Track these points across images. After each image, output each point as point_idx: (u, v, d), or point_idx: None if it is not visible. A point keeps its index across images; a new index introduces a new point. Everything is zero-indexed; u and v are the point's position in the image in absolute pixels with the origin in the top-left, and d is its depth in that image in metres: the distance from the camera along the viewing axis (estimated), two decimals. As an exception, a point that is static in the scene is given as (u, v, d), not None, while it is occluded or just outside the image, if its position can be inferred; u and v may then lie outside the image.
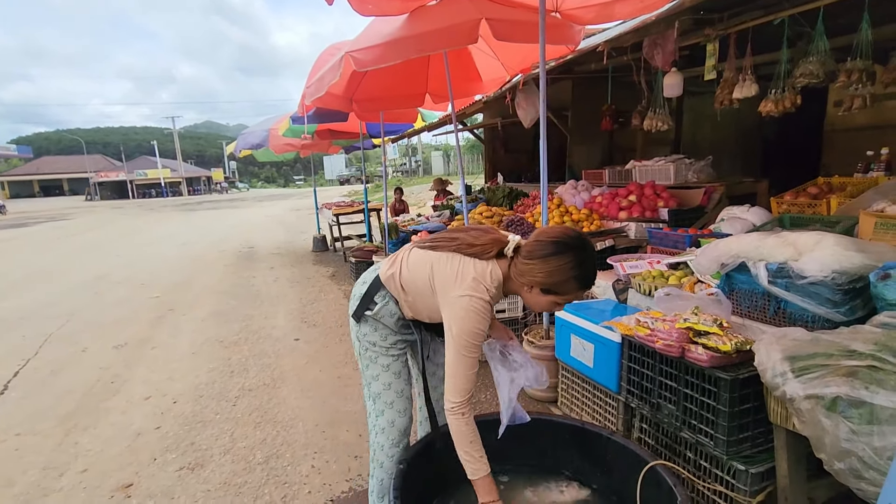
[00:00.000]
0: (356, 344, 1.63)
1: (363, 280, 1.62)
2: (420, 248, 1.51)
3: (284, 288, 6.28)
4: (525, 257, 1.34)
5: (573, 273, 1.30)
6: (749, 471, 1.59)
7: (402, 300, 1.52)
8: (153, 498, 2.21)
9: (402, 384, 1.63)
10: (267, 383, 3.38)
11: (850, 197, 2.64)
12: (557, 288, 1.33)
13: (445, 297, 1.37)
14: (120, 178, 48.39)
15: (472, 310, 1.32)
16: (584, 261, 1.31)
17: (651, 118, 4.26)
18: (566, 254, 1.30)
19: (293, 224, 14.82)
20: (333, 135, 7.26)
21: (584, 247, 1.33)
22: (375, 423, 1.64)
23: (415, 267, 1.47)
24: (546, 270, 1.31)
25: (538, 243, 1.34)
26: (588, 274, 1.33)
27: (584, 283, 1.34)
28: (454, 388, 1.35)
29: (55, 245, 12.19)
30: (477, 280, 1.34)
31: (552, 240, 1.32)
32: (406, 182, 31.07)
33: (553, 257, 1.30)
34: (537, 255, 1.32)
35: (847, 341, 1.26)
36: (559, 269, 1.30)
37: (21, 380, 3.65)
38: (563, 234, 1.33)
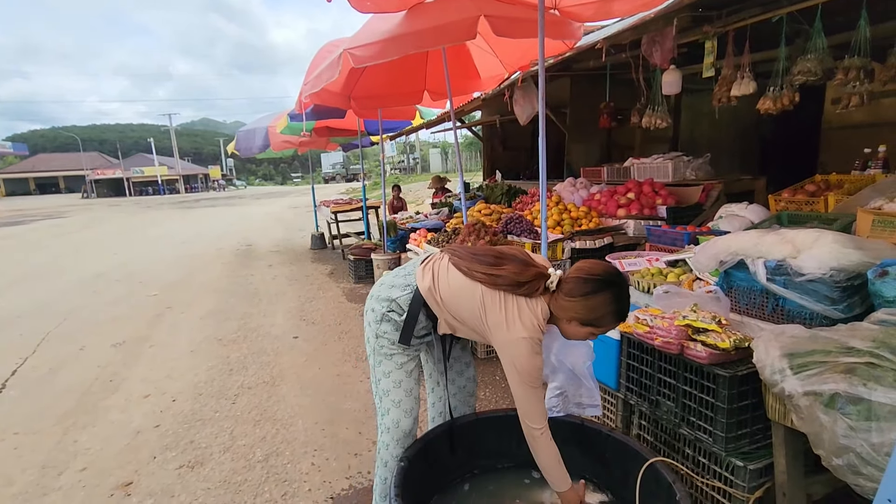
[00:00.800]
0: (372, 339, 1.62)
1: (392, 284, 1.60)
2: (457, 268, 1.50)
3: (283, 286, 6.27)
4: (567, 294, 1.42)
5: (612, 308, 1.40)
6: (747, 467, 1.60)
7: (443, 318, 1.54)
8: (153, 496, 2.21)
9: (411, 383, 1.64)
10: (266, 381, 3.38)
11: (847, 194, 2.65)
12: (597, 322, 1.42)
13: (501, 337, 1.43)
14: (116, 176, 48.14)
15: (532, 351, 1.40)
16: (621, 296, 1.41)
17: (649, 116, 4.26)
18: (606, 291, 1.39)
19: (291, 221, 14.79)
20: (331, 132, 7.24)
21: (621, 283, 1.42)
22: (381, 421, 1.65)
23: (459, 292, 1.49)
24: (587, 307, 1.40)
25: (579, 281, 1.41)
26: (625, 308, 1.43)
27: (621, 317, 1.44)
28: (532, 417, 1.46)
29: (52, 243, 12.14)
30: (532, 321, 1.41)
31: (593, 278, 1.40)
32: (404, 180, 31.02)
33: (593, 295, 1.39)
34: (578, 293, 1.40)
35: (845, 338, 1.26)
36: (600, 306, 1.39)
37: (19, 378, 3.64)
38: (604, 272, 1.42)
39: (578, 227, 3.79)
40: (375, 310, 1.60)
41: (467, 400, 1.86)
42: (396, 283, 1.59)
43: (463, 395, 1.85)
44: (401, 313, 1.55)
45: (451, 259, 1.52)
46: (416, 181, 29.32)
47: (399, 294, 1.55)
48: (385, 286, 1.61)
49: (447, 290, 1.49)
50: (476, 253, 1.51)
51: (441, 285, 1.50)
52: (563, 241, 3.58)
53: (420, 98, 4.64)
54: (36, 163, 56.11)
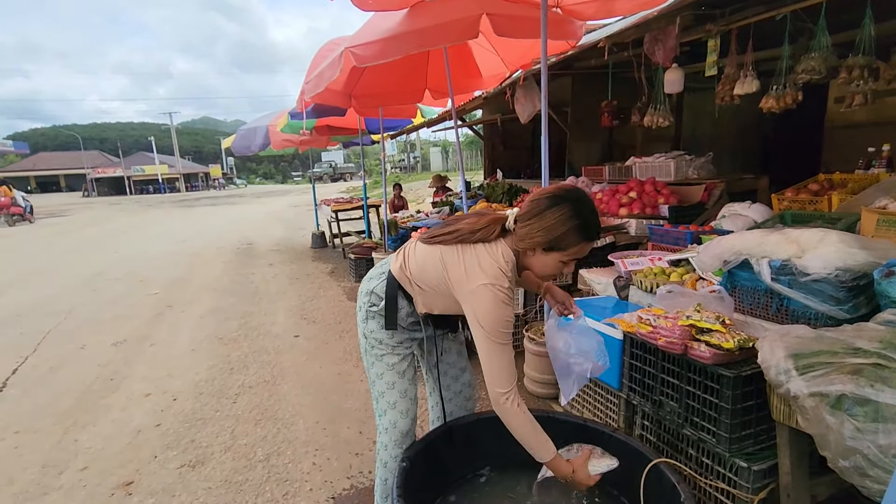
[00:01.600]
0: (363, 340, 1.62)
1: (370, 276, 1.61)
2: (424, 243, 1.49)
3: (284, 285, 6.27)
4: (522, 220, 1.32)
5: (572, 223, 1.27)
6: (751, 468, 1.59)
7: (416, 296, 1.50)
8: (154, 496, 2.21)
9: (405, 384, 1.62)
10: (267, 380, 3.37)
11: (851, 194, 2.63)
12: (559, 243, 1.30)
13: (463, 290, 1.33)
14: (117, 175, 48.13)
15: (496, 299, 1.28)
16: (581, 211, 1.28)
17: (651, 114, 4.25)
18: (561, 205, 1.28)
19: (292, 220, 14.78)
20: (332, 130, 7.23)
21: (579, 198, 1.30)
22: (379, 422, 1.64)
23: (424, 262, 1.45)
24: (543, 226, 1.28)
25: (532, 202, 1.32)
26: (588, 222, 1.29)
27: (585, 233, 1.30)
28: (498, 379, 1.31)
29: (53, 241, 12.14)
30: (493, 265, 1.31)
31: (546, 195, 1.31)
32: (404, 178, 30.99)
33: (549, 211, 1.28)
34: (534, 213, 1.30)
35: (852, 339, 1.25)
36: (557, 222, 1.27)
37: (20, 377, 3.64)
38: (556, 189, 1.32)
39: (580, 226, 3.78)
40: (361, 307, 1.60)
41: (464, 404, 1.83)
42: (374, 275, 1.59)
43: (459, 400, 1.82)
44: (379, 302, 1.54)
45: (419, 240, 1.51)
46: (416, 180, 29.30)
47: (376, 283, 1.55)
48: (365, 280, 1.62)
49: (415, 264, 1.46)
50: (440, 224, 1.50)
51: (410, 262, 1.48)
52: (565, 240, 3.57)
53: (421, 96, 4.62)
54: (37, 161, 56.09)
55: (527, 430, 1.34)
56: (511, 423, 1.34)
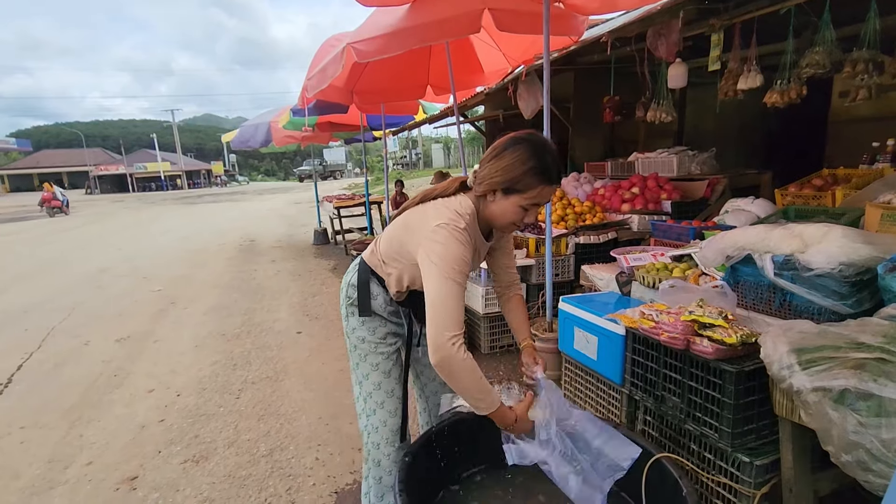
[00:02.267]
0: (346, 340, 1.60)
1: (347, 271, 1.62)
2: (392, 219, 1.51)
3: (286, 281, 6.28)
4: (482, 164, 1.32)
5: (531, 164, 1.24)
6: (754, 463, 1.59)
7: (388, 276, 1.47)
8: (158, 490, 2.22)
9: (392, 384, 1.58)
10: (270, 376, 3.39)
11: (855, 189, 2.62)
12: (517, 184, 1.26)
13: (419, 238, 1.28)
14: (120, 172, 48.28)
15: (451, 237, 1.23)
16: (538, 151, 1.25)
17: (654, 110, 4.23)
18: (519, 146, 1.26)
19: (294, 217, 14.80)
20: (334, 127, 7.23)
21: (538, 140, 1.29)
22: (367, 422, 1.59)
23: (390, 236, 1.46)
24: (501, 166, 1.26)
25: (493, 146, 1.32)
26: (545, 163, 1.25)
27: (544, 174, 1.25)
28: (445, 321, 1.18)
29: (56, 238, 12.19)
30: (448, 209, 1.29)
31: (506, 138, 1.30)
32: (406, 175, 30.98)
33: (506, 151, 1.27)
34: (492, 154, 1.30)
35: (855, 333, 1.25)
36: (515, 163, 1.24)
37: (25, 373, 3.66)
38: (518, 133, 1.31)
39: (582, 221, 3.77)
40: (342, 304, 1.59)
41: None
42: (350, 269, 1.60)
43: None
44: (354, 293, 1.52)
45: None
46: (418, 177, 29.28)
47: (351, 276, 1.55)
48: (344, 276, 1.61)
49: (384, 243, 1.47)
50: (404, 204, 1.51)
51: (380, 244, 1.49)
52: (567, 236, 3.57)
53: (423, 92, 4.62)
54: (40, 159, 56.28)
55: (473, 379, 1.23)
56: (455, 371, 1.20)
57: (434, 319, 1.19)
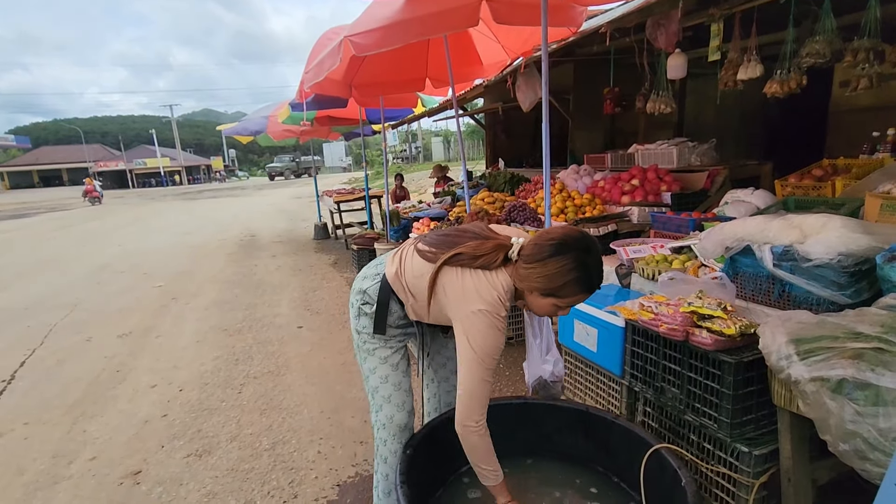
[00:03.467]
0: (355, 336, 1.61)
1: (364, 275, 1.58)
2: (421, 256, 1.44)
3: (287, 276, 6.29)
4: (525, 262, 1.29)
5: (574, 275, 1.24)
6: (752, 453, 1.60)
7: (408, 303, 1.48)
8: (162, 484, 2.24)
9: (399, 376, 1.59)
10: (272, 371, 3.40)
11: (855, 179, 2.61)
12: (557, 291, 1.27)
13: (459, 312, 1.32)
14: (119, 168, 48.24)
15: (491, 326, 1.27)
16: (585, 262, 1.25)
17: (654, 101, 4.21)
18: (566, 255, 1.24)
19: (294, 212, 14.79)
20: (332, 121, 7.21)
21: (587, 248, 1.26)
22: (376, 418, 1.62)
23: (421, 274, 1.41)
24: (545, 274, 1.25)
25: (537, 246, 1.28)
26: (590, 275, 1.26)
27: (586, 286, 1.27)
28: (473, 408, 1.31)
29: (57, 235, 12.20)
30: (491, 293, 1.29)
31: (550, 241, 1.26)
32: (406, 169, 30.89)
33: (552, 259, 1.24)
34: (536, 258, 1.26)
35: (853, 323, 1.25)
36: (558, 272, 1.24)
37: (28, 369, 3.68)
38: (564, 234, 1.27)
39: (582, 214, 3.77)
40: (353, 304, 1.57)
41: None
42: (368, 274, 1.56)
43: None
44: (372, 304, 1.51)
45: (418, 246, 1.46)
46: (418, 170, 29.22)
47: (369, 284, 1.52)
48: (360, 278, 1.58)
49: (411, 273, 1.43)
50: (440, 235, 1.45)
51: (406, 269, 1.45)
52: (567, 228, 3.56)
53: (422, 85, 4.60)
54: (39, 155, 56.18)
55: (484, 457, 1.35)
56: (472, 447, 1.35)
57: (464, 401, 1.31)
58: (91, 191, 24.26)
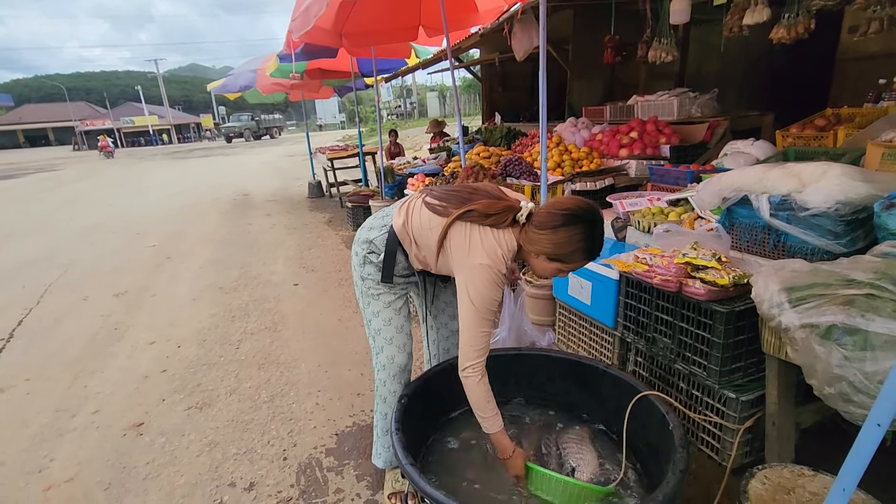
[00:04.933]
0: (359, 283, 1.65)
1: (370, 226, 1.61)
2: (430, 209, 1.47)
3: (281, 235, 6.25)
4: (536, 227, 1.35)
5: (581, 245, 1.32)
6: (739, 398, 1.64)
7: (413, 253, 1.53)
8: (164, 435, 2.30)
9: (401, 320, 1.66)
10: (268, 327, 3.43)
11: (858, 128, 2.55)
12: (564, 258, 1.35)
13: (462, 263, 1.39)
14: (106, 127, 46.84)
15: (490, 280, 1.35)
16: (592, 233, 1.33)
17: (656, 49, 4.06)
18: (576, 226, 1.31)
19: (288, 170, 14.55)
20: (323, 74, 6.96)
21: (594, 220, 1.34)
22: (377, 360, 1.68)
23: (428, 224, 1.46)
24: (555, 241, 1.33)
25: (550, 214, 1.34)
26: (594, 246, 1.35)
27: (590, 255, 1.36)
28: (470, 351, 1.39)
29: (47, 196, 12.01)
30: (495, 249, 1.36)
31: (563, 212, 1.33)
32: (401, 125, 30.18)
33: (563, 228, 1.32)
34: (548, 225, 1.33)
35: (846, 271, 1.24)
36: (568, 241, 1.32)
37: (25, 328, 3.70)
38: (575, 206, 1.34)
39: (579, 168, 3.71)
40: (358, 253, 1.62)
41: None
42: (374, 225, 1.60)
43: (456, 339, 1.87)
44: (378, 253, 1.56)
45: (426, 199, 1.50)
46: (413, 126, 28.59)
47: (376, 235, 1.56)
48: (365, 229, 1.62)
49: (419, 225, 1.48)
50: (450, 191, 1.49)
51: (413, 221, 1.50)
52: (564, 182, 3.51)
53: (415, 34, 4.40)
54: (22, 114, 54.46)
55: (482, 402, 1.42)
56: (472, 394, 1.42)
57: (462, 348, 1.40)
58: (106, 146, 28.72)
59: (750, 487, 1.19)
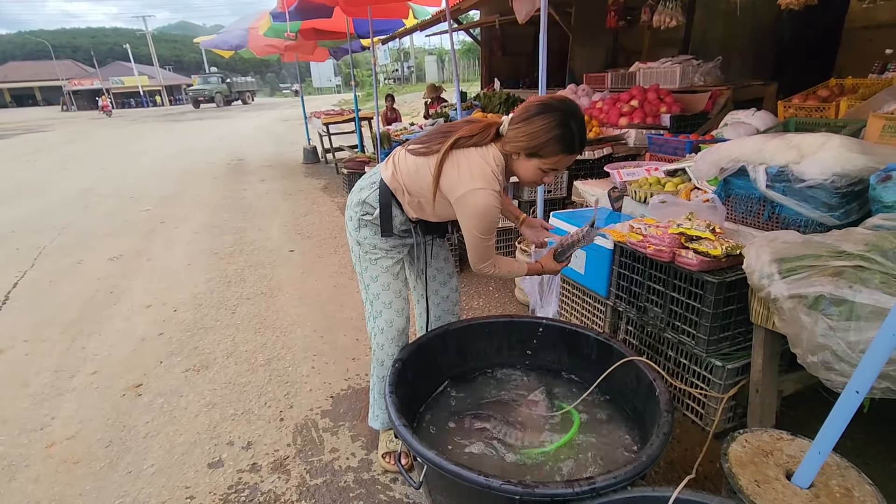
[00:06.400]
0: (356, 248, 1.66)
1: (360, 187, 1.61)
2: (414, 154, 1.47)
3: (277, 200, 6.20)
4: (511, 124, 1.36)
5: (556, 132, 1.30)
6: (725, 366, 1.68)
7: (406, 201, 1.52)
8: (163, 396, 2.34)
9: (400, 284, 1.68)
10: (264, 292, 3.45)
11: (861, 99, 2.51)
12: (540, 150, 1.34)
13: (456, 194, 1.39)
14: (95, 87, 45.49)
15: (487, 202, 1.36)
16: (567, 122, 1.30)
17: (661, 13, 3.94)
18: (548, 114, 1.30)
19: (282, 135, 14.30)
20: (319, 34, 6.73)
21: (570, 111, 1.32)
22: (374, 324, 1.69)
23: (417, 169, 1.46)
24: (528, 132, 1.32)
25: (523, 107, 1.35)
26: (570, 134, 1.31)
27: (566, 145, 1.33)
28: (480, 259, 1.50)
29: (37, 158, 11.79)
30: (484, 169, 1.36)
31: (537, 102, 1.33)
32: (398, 90, 29.51)
33: (536, 117, 1.31)
34: (521, 117, 1.34)
35: (838, 242, 1.25)
36: (541, 129, 1.30)
37: (21, 291, 3.71)
38: (549, 98, 1.35)
39: (578, 137, 3.65)
40: (352, 217, 1.62)
41: (451, 309, 1.91)
42: (364, 185, 1.60)
43: (447, 305, 1.90)
44: (373, 210, 1.56)
45: (408, 148, 1.51)
46: (410, 91, 27.98)
47: (368, 193, 1.56)
48: (356, 191, 1.62)
49: (406, 171, 1.48)
50: (429, 133, 1.50)
51: (401, 169, 1.50)
52: (561, 151, 3.47)
53: (412, -7, 4.24)
54: (7, 72, 52.82)
55: (503, 273, 1.57)
56: (494, 276, 1.59)
57: (472, 258, 1.51)
58: (106, 106, 31.45)
59: (730, 450, 1.23)
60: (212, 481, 1.81)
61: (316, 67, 46.56)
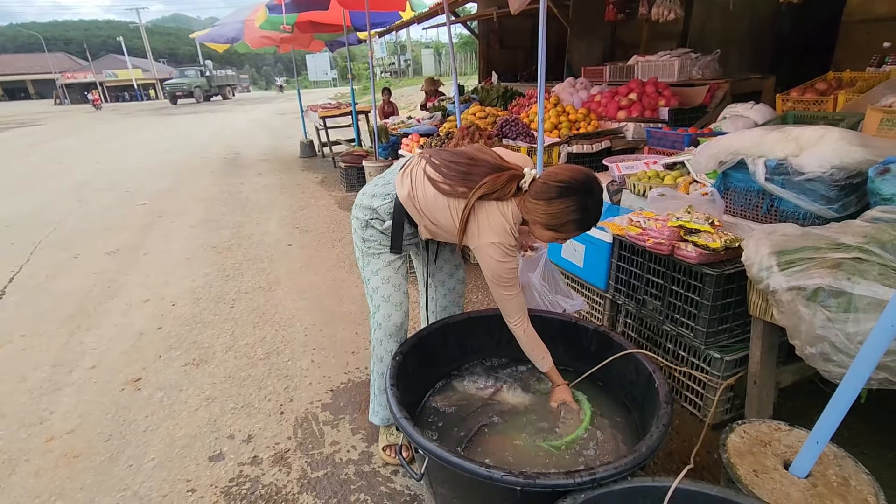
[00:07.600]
0: (359, 244, 1.67)
1: (372, 193, 1.60)
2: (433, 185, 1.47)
3: (274, 195, 6.18)
4: (533, 197, 1.38)
5: (574, 217, 1.36)
6: (724, 358, 1.69)
7: (422, 224, 1.55)
8: (162, 390, 2.34)
9: (400, 279, 1.69)
10: (263, 286, 3.45)
11: (859, 93, 2.52)
12: (559, 228, 1.39)
13: (474, 243, 1.44)
14: (89, 80, 45.02)
15: (503, 254, 1.41)
16: (586, 205, 1.36)
17: (659, 6, 3.94)
18: (570, 198, 1.34)
19: (279, 129, 14.22)
20: (315, 27, 6.69)
21: (589, 191, 1.36)
22: (373, 319, 1.71)
23: (435, 202, 1.48)
24: (549, 212, 1.36)
25: (545, 185, 1.37)
26: (588, 218, 1.38)
27: (583, 227, 1.40)
28: (510, 312, 1.54)
29: (31, 152, 11.69)
30: (502, 225, 1.41)
31: (558, 184, 1.35)
32: (395, 84, 29.34)
33: (556, 200, 1.34)
34: (543, 196, 1.36)
35: (836, 235, 1.26)
36: (561, 212, 1.35)
37: (17, 285, 3.69)
38: (570, 178, 1.36)
39: (576, 130, 3.65)
40: (359, 218, 1.63)
41: (457, 300, 1.92)
42: (377, 192, 1.59)
43: (453, 297, 1.90)
44: (383, 221, 1.58)
45: (427, 173, 1.49)
46: (408, 85, 27.81)
47: (380, 203, 1.57)
48: (367, 195, 1.62)
49: (424, 199, 1.50)
50: (450, 162, 1.48)
51: (419, 193, 1.50)
52: (560, 145, 3.47)
53: (409, -15, 4.21)
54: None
55: (529, 349, 1.59)
56: (522, 342, 1.59)
57: (501, 311, 1.56)
58: (97, 100, 32.00)
59: (729, 440, 1.24)
60: (213, 474, 1.82)
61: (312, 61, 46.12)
